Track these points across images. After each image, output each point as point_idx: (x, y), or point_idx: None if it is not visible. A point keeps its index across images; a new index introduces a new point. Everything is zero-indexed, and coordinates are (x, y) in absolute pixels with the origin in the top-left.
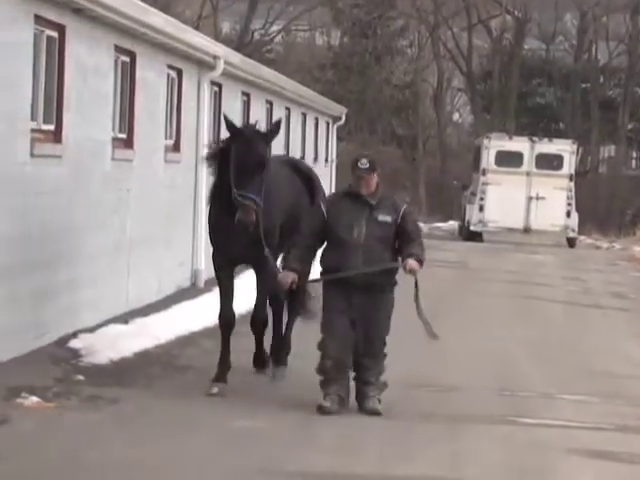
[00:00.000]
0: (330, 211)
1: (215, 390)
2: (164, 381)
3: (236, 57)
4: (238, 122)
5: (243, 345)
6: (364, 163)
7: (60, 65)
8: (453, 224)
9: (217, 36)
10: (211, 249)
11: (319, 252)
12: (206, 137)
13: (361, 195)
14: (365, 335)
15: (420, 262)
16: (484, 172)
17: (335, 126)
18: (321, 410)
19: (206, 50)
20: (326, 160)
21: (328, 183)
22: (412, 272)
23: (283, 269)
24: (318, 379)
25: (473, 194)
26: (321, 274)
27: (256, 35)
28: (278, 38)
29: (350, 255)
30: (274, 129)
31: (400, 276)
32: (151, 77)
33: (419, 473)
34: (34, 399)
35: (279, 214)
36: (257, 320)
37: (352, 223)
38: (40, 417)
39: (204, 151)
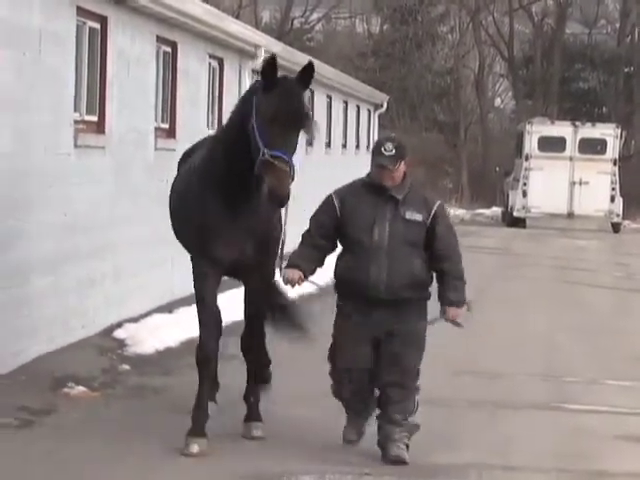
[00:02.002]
0: (344, 206)
1: (195, 449)
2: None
3: (277, 46)
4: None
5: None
6: (389, 148)
7: (102, 56)
8: (496, 210)
9: (257, 25)
10: None
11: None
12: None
13: (384, 187)
14: (391, 361)
15: (462, 305)
16: (527, 157)
17: (377, 114)
18: (345, 441)
19: (247, 39)
20: (368, 148)
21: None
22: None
23: (287, 267)
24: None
25: (516, 180)
26: (335, 287)
27: (296, 23)
28: (318, 26)
29: (369, 263)
30: (308, 72)
31: None
32: (193, 67)
33: (464, 461)
34: (80, 389)
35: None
36: (254, 339)
37: (372, 222)
38: (86, 407)
39: None
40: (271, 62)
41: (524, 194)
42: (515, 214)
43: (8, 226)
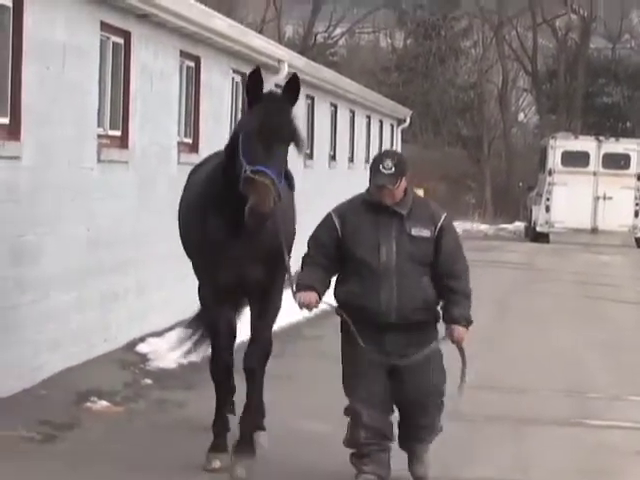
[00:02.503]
0: (345, 225)
1: (217, 464)
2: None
3: (300, 60)
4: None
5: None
6: (388, 166)
7: (126, 71)
8: (519, 225)
9: (280, 39)
10: None
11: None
12: None
13: (386, 206)
14: (411, 389)
15: (468, 324)
16: (550, 172)
17: (400, 128)
18: None
19: (270, 54)
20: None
21: None
22: (459, 342)
23: (299, 289)
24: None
25: (539, 195)
26: (338, 313)
27: (319, 38)
28: (342, 41)
29: (379, 286)
30: (293, 85)
31: None
32: (216, 81)
33: (485, 476)
34: (103, 403)
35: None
36: (258, 361)
37: (377, 241)
38: (109, 421)
39: None
40: (254, 77)
41: (547, 209)
42: (538, 229)
43: (31, 240)
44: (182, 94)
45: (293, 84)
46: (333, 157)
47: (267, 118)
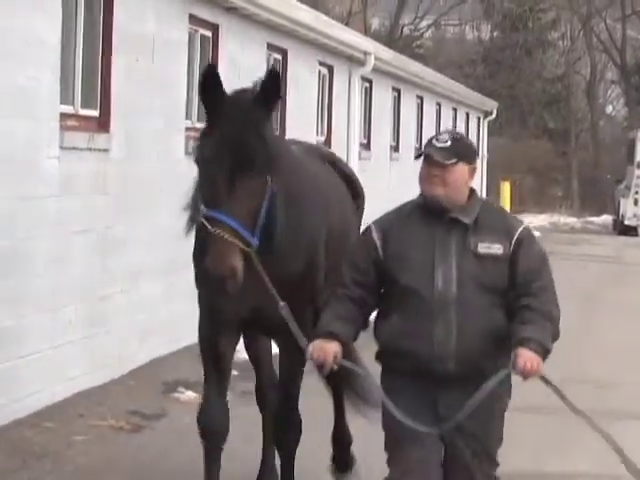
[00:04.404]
0: (389, 242)
1: None
2: (312, 376)
3: (386, 53)
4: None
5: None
6: (443, 139)
7: (214, 63)
8: (607, 218)
9: (366, 32)
10: None
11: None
12: (357, 134)
13: (443, 208)
14: (467, 457)
15: (544, 352)
16: (639, 165)
17: (486, 121)
18: None
19: (357, 46)
20: (477, 155)
21: (479, 180)
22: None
23: (315, 337)
24: None
25: (627, 188)
26: (378, 356)
27: (406, 30)
28: (428, 33)
29: (433, 323)
30: (271, 87)
31: None
32: (303, 74)
33: (575, 470)
34: (190, 394)
35: (321, 241)
36: (287, 424)
37: (432, 262)
38: (196, 412)
39: (354, 147)
40: (208, 75)
41: (636, 202)
42: (626, 222)
43: (120, 231)
44: None
45: (271, 83)
46: (419, 150)
47: (225, 137)
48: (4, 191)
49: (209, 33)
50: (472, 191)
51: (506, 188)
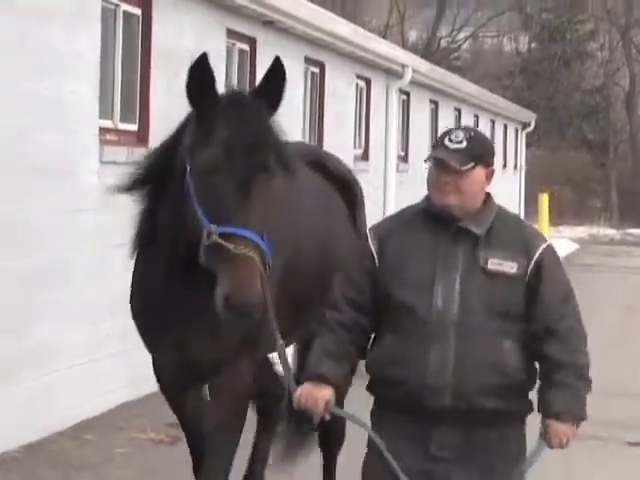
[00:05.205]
0: (385, 251)
1: None
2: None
3: (424, 65)
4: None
5: None
6: (457, 139)
7: (251, 77)
8: None
9: (404, 44)
10: None
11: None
12: (394, 146)
13: (452, 217)
14: None
15: (579, 420)
16: None
17: (524, 132)
18: None
19: (394, 59)
20: (515, 167)
21: (517, 193)
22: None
23: (304, 379)
24: None
25: None
26: (369, 386)
27: (443, 43)
28: (465, 45)
29: (428, 347)
30: (274, 84)
31: None
32: (340, 87)
33: None
34: None
35: (299, 262)
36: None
37: (432, 276)
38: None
39: (392, 159)
40: (199, 67)
41: None
42: None
43: None
44: (306, 100)
45: (276, 72)
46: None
47: (235, 141)
48: (43, 205)
49: (246, 47)
50: (488, 196)
51: (544, 200)
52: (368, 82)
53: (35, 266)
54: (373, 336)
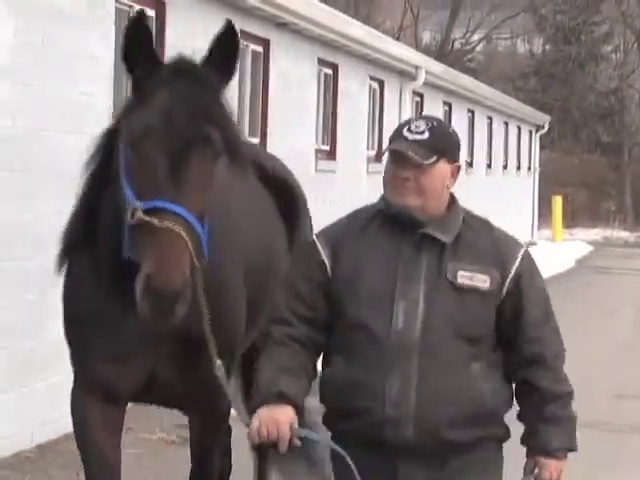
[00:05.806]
0: (339, 260)
1: None
2: None
3: (437, 67)
4: None
5: None
6: (419, 129)
7: (265, 78)
8: None
9: (417, 46)
10: None
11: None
12: None
13: (413, 221)
14: None
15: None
16: None
17: (538, 135)
18: None
19: (407, 60)
20: (529, 169)
21: (531, 195)
22: None
23: (258, 403)
24: None
25: None
26: (324, 418)
27: (457, 44)
28: (479, 47)
29: (385, 372)
30: (226, 51)
31: None
32: (353, 88)
33: None
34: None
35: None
36: None
37: (391, 292)
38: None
39: None
40: (135, 27)
41: None
42: None
43: None
44: (320, 101)
45: (228, 38)
46: (470, 164)
47: (171, 105)
48: (56, 207)
49: (260, 48)
50: (452, 198)
51: (558, 202)
52: (381, 84)
53: (47, 267)
54: (323, 355)
